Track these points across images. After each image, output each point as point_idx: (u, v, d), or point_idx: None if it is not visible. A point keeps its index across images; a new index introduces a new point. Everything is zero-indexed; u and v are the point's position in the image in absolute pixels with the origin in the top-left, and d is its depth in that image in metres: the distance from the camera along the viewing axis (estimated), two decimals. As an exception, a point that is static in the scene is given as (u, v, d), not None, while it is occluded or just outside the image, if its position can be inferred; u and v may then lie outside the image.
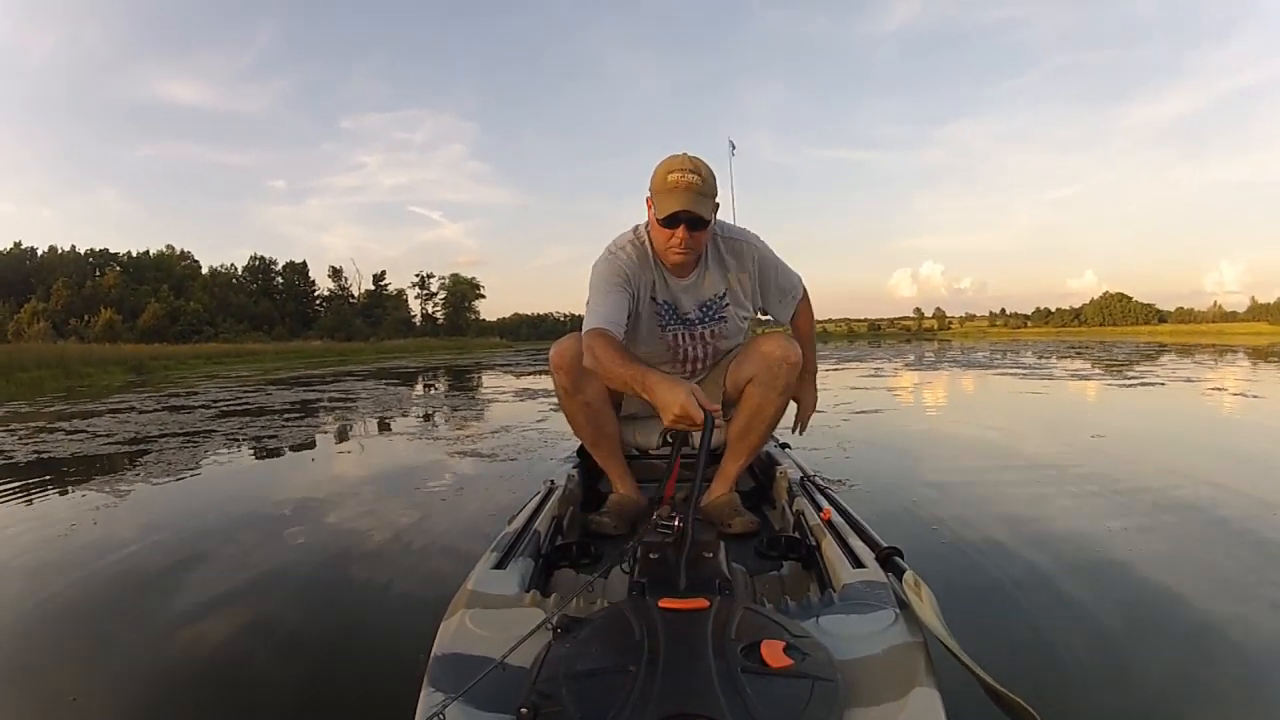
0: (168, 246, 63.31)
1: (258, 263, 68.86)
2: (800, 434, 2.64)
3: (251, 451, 6.02)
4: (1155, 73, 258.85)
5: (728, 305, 2.31)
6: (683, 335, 2.33)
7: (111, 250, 58.92)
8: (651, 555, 1.50)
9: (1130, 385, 10.73)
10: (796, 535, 1.96)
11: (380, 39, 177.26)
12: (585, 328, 2.12)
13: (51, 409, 10.25)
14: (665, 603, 1.24)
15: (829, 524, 1.81)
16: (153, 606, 2.52)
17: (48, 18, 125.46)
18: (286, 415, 8.67)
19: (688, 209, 2.01)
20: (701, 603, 1.23)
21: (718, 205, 2.16)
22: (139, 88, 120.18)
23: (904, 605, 1.32)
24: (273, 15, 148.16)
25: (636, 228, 2.26)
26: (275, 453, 5.93)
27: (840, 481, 3.94)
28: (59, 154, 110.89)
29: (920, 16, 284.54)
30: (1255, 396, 8.77)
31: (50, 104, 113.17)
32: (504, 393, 12.30)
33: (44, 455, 5.86)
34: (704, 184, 2.04)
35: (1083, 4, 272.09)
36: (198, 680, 1.96)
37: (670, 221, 2.06)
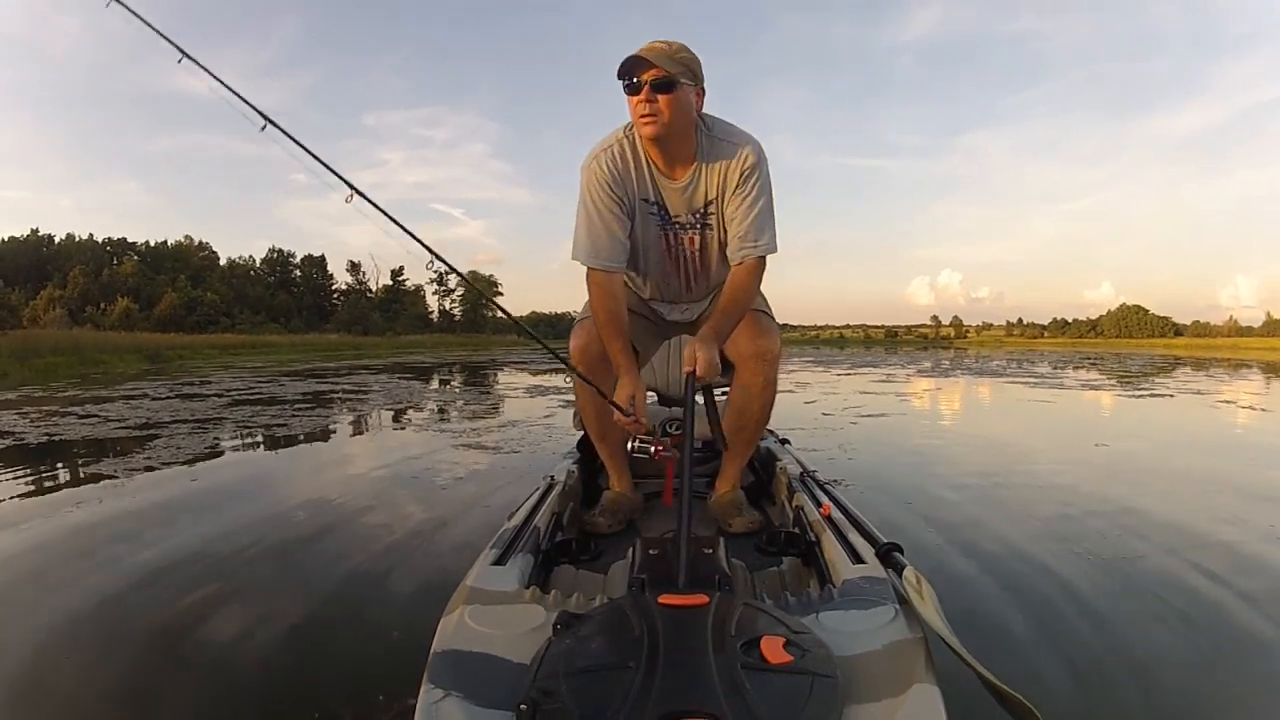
0: (186, 237, 63.49)
1: (276, 255, 69.11)
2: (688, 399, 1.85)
3: (260, 439, 6.07)
4: (1174, 86, 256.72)
5: (713, 215, 2.12)
6: (672, 236, 2.17)
7: (129, 239, 59.21)
8: (651, 551, 1.50)
9: (1139, 397, 10.66)
10: (796, 531, 1.95)
11: (403, 36, 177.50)
12: (583, 259, 2.08)
13: (65, 394, 10.34)
14: (665, 599, 1.22)
15: (829, 520, 1.80)
16: (151, 587, 2.54)
17: (69, 5, 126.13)
18: (298, 405, 8.72)
19: (644, 57, 1.85)
20: (701, 599, 1.22)
21: (702, 91, 2.00)
22: (160, 78, 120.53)
23: (904, 601, 1.30)
24: (295, 10, 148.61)
25: (628, 124, 2.06)
26: (283, 441, 5.98)
27: (838, 481, 3.92)
28: (78, 143, 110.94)
29: (940, 26, 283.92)
30: (1264, 410, 8.72)
31: (71, 92, 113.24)
32: (515, 388, 12.35)
33: (55, 438, 5.93)
34: (672, 50, 1.90)
35: (1102, 16, 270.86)
36: (194, 665, 1.98)
37: (630, 84, 1.91)
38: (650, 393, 3.16)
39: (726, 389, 2.40)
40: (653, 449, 2.03)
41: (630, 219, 2.11)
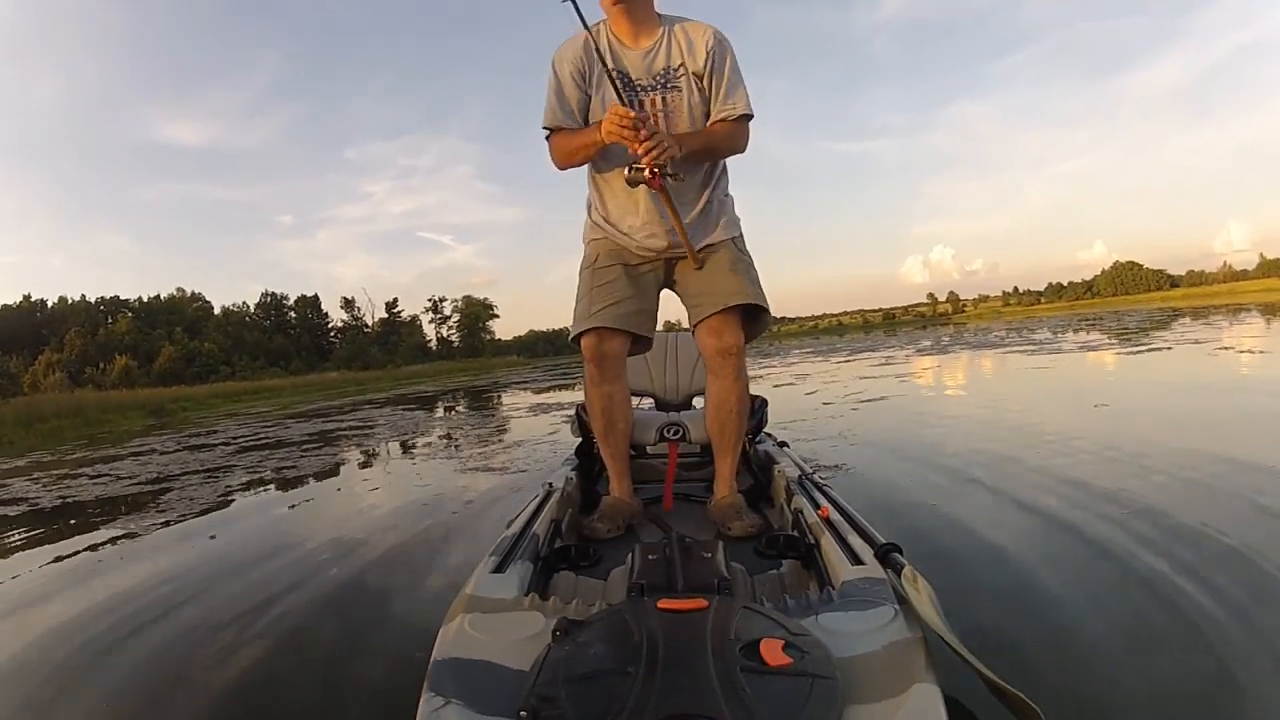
0: (178, 289, 63.60)
1: (269, 299, 69.04)
2: (640, 153, 2.01)
3: (271, 482, 6.08)
4: (1153, 40, 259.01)
5: (681, 77, 2.24)
6: (634, 102, 2.23)
7: (122, 297, 59.17)
8: (650, 556, 1.51)
9: (1137, 353, 10.62)
10: (795, 533, 1.96)
11: (379, 67, 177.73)
12: (544, 122, 2.30)
13: (74, 456, 10.34)
14: (664, 603, 1.24)
15: (827, 521, 1.80)
16: (170, 616, 2.62)
17: (43, 65, 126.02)
18: (305, 446, 8.71)
19: None
20: (700, 603, 1.23)
21: None
22: (138, 130, 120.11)
23: (903, 601, 1.31)
24: (269, 50, 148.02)
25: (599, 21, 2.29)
26: (293, 481, 5.98)
27: (839, 466, 3.97)
28: (63, 201, 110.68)
29: (913, 1, 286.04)
30: (1262, 352, 8.70)
31: (51, 151, 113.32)
32: (518, 409, 12.34)
33: (68, 499, 5.94)
34: None
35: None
36: (197, 678, 2.04)
37: None
38: (648, 398, 3.18)
39: (702, 394, 2.45)
40: (646, 171, 2.01)
41: (590, 90, 2.28)
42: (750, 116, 2.26)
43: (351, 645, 2.22)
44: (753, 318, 2.33)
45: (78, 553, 3.90)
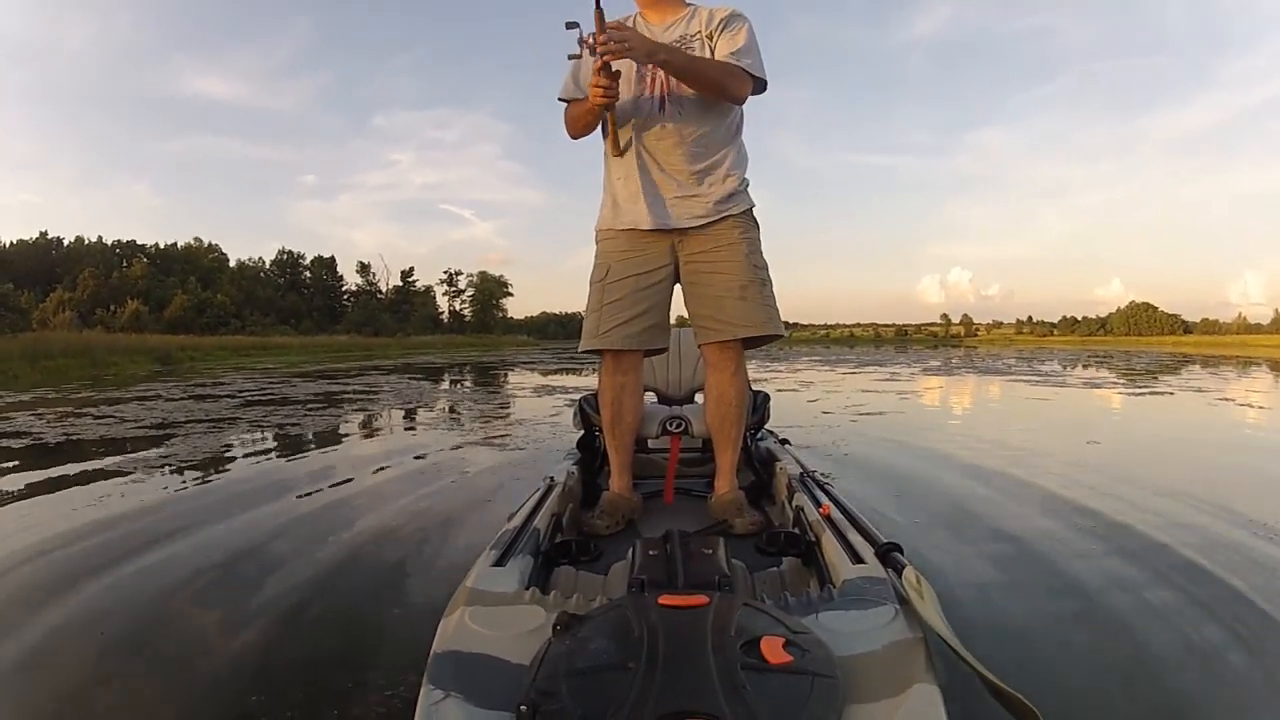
0: (195, 239, 63.45)
1: (286, 257, 69.29)
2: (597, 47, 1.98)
3: (273, 438, 6.12)
4: (1182, 81, 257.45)
5: (695, 43, 2.22)
6: (639, 68, 2.21)
7: (139, 241, 59.27)
8: (651, 552, 1.51)
9: (1139, 395, 10.57)
10: (796, 531, 1.95)
11: (413, 38, 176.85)
12: (558, 94, 2.35)
13: (78, 395, 10.42)
14: (665, 599, 1.22)
15: (828, 520, 1.79)
16: (161, 581, 2.57)
17: (79, 11, 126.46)
18: (310, 405, 8.77)
19: None
20: (701, 599, 1.22)
21: None
22: (171, 82, 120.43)
23: (904, 601, 1.30)
24: (306, 12, 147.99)
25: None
26: (296, 439, 6.03)
27: (828, 474, 3.96)
28: (89, 146, 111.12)
29: (950, 23, 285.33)
30: (1262, 408, 8.66)
31: (81, 97, 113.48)
32: (524, 388, 12.40)
33: (73, 437, 6.00)
34: None
35: (1109, 14, 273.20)
36: (195, 659, 2.00)
37: None
38: (650, 392, 3.18)
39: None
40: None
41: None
42: (759, 80, 2.20)
43: (344, 630, 2.20)
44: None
45: (71, 501, 3.94)
